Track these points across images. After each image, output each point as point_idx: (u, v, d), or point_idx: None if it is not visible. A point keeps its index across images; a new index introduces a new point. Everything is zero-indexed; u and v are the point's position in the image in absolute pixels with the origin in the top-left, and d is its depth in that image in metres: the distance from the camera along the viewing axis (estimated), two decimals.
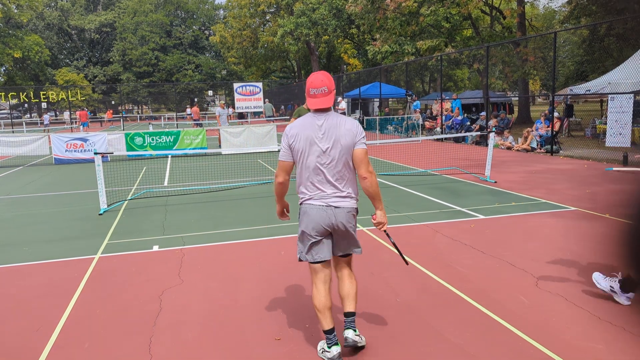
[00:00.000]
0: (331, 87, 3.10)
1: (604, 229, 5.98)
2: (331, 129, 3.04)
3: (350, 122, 3.08)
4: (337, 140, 3.02)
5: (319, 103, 3.08)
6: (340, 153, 3.03)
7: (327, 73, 3.15)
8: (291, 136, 3.09)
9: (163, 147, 15.99)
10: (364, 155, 3.06)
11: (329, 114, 3.07)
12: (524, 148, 14.56)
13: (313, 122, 3.07)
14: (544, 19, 44.14)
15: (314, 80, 3.10)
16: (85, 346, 3.49)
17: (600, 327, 3.49)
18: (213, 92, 61.00)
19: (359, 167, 3.06)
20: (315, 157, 3.04)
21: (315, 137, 3.03)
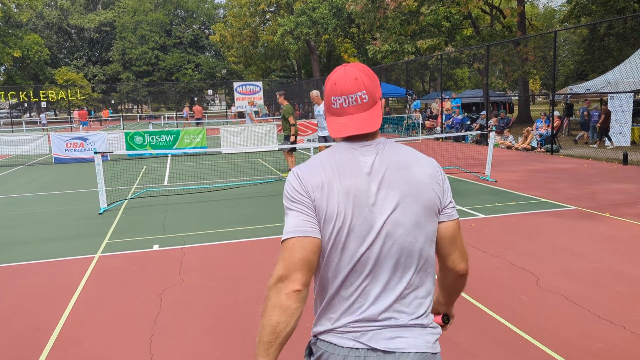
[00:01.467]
0: (375, 92, 1.49)
1: (604, 228, 5.98)
2: (393, 173, 1.45)
3: (427, 159, 1.52)
4: (411, 196, 1.44)
5: (354, 124, 1.46)
6: (420, 224, 1.44)
7: (365, 66, 1.53)
8: (313, 185, 1.43)
9: (163, 146, 15.98)
10: (459, 231, 1.54)
11: (380, 143, 1.49)
12: (524, 147, 14.56)
13: (355, 160, 1.45)
14: (544, 18, 44.14)
15: (339, 80, 1.48)
16: (85, 345, 3.49)
17: (600, 326, 3.49)
18: (213, 92, 61.00)
19: (450, 254, 1.53)
20: (364, 236, 1.41)
21: (366, 191, 1.42)
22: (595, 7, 22.20)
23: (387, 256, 1.42)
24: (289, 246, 1.37)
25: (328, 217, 1.40)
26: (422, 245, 1.44)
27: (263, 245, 5.73)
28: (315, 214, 1.41)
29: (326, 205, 1.40)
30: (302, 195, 1.42)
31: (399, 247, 1.42)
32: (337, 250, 1.42)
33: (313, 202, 1.41)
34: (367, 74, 1.48)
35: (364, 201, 1.41)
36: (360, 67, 1.50)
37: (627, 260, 4.83)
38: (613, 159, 11.66)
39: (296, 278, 1.35)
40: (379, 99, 1.52)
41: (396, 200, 1.42)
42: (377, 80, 1.53)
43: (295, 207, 1.42)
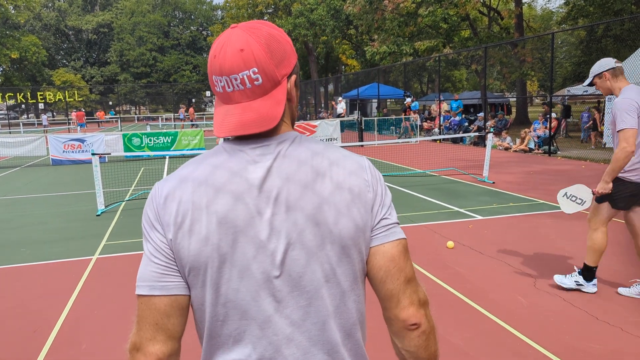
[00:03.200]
0: (278, 67, 0.97)
1: None
2: (296, 187, 0.96)
3: (350, 163, 1.02)
4: (319, 224, 0.96)
5: (235, 119, 0.97)
6: (331, 265, 0.97)
7: (265, 25, 0.99)
8: (174, 215, 0.97)
9: (161, 148, 15.96)
10: (404, 258, 1.02)
11: (283, 142, 1.00)
12: (521, 149, 14.59)
13: (241, 170, 0.97)
14: (541, 20, 44.26)
15: (218, 52, 0.96)
16: (83, 347, 3.48)
17: (598, 327, 3.49)
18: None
19: (390, 294, 1.02)
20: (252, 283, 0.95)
21: (248, 217, 0.95)
22: (593, 9, 22.28)
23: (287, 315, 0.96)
24: (139, 305, 0.98)
25: (192, 267, 0.96)
26: (337, 288, 0.99)
27: None
28: (175, 259, 0.97)
29: (187, 250, 0.95)
30: (154, 230, 1.01)
31: (304, 301, 0.97)
32: (211, 306, 0.97)
33: (170, 243, 0.98)
34: (265, 40, 0.96)
35: (250, 233, 0.95)
36: (254, 31, 0.97)
37: (625, 261, 4.84)
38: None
39: (144, 348, 0.96)
40: (284, 76, 1.00)
41: (297, 231, 0.95)
42: (285, 47, 1.00)
43: (147, 247, 1.01)
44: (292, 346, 0.97)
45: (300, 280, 0.96)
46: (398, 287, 1.01)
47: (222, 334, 0.99)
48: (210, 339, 1.00)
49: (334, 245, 0.97)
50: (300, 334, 0.97)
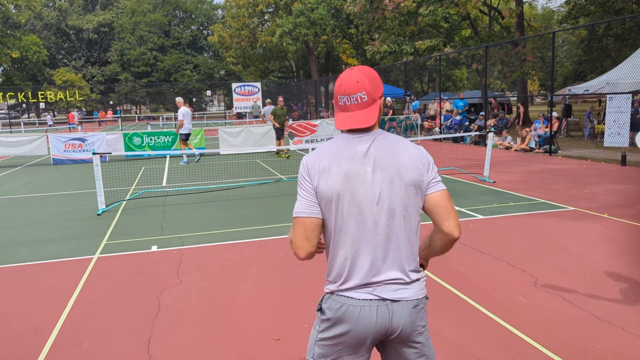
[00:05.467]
0: (375, 92, 1.79)
1: (602, 228, 5.99)
2: (384, 157, 1.75)
3: (414, 146, 1.82)
4: (398, 177, 1.74)
5: (353, 119, 1.78)
6: (406, 199, 1.75)
7: (368, 68, 1.82)
8: (317, 171, 1.76)
9: (161, 147, 15.97)
10: (447, 199, 1.80)
11: (376, 133, 1.80)
12: (522, 148, 14.58)
13: (353, 148, 1.76)
14: (542, 19, 44.20)
15: (344, 81, 1.79)
16: (84, 346, 3.49)
17: (599, 327, 3.49)
18: (211, 92, 60.98)
19: (443, 221, 1.78)
20: (360, 209, 1.73)
21: (360, 172, 1.73)
22: (594, 8, 22.24)
23: (384, 224, 1.74)
24: (295, 223, 1.78)
25: (328, 196, 1.73)
26: (412, 213, 1.77)
27: (261, 246, 5.72)
28: (317, 195, 1.76)
29: (325, 186, 1.73)
30: (306, 180, 1.78)
31: (388, 220, 1.74)
32: (337, 222, 1.75)
33: (316, 185, 1.75)
34: (369, 77, 1.78)
35: (359, 181, 1.73)
36: (364, 71, 1.79)
37: (626, 260, 4.84)
38: (611, 159, 11.68)
39: (299, 247, 1.75)
40: (379, 98, 1.80)
41: (387, 179, 1.73)
42: (378, 82, 1.80)
43: (301, 192, 1.79)
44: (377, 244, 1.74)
45: (387, 200, 1.73)
46: (448, 215, 1.78)
47: (337, 245, 1.77)
48: (332, 245, 1.79)
49: (405, 187, 1.74)
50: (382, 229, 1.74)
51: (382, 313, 1.72)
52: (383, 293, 1.73)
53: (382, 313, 1.72)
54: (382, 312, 1.72)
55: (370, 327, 1.72)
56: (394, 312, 1.73)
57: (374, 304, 1.72)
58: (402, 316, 1.74)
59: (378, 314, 1.72)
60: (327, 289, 1.81)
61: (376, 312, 1.72)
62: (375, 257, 1.74)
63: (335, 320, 1.75)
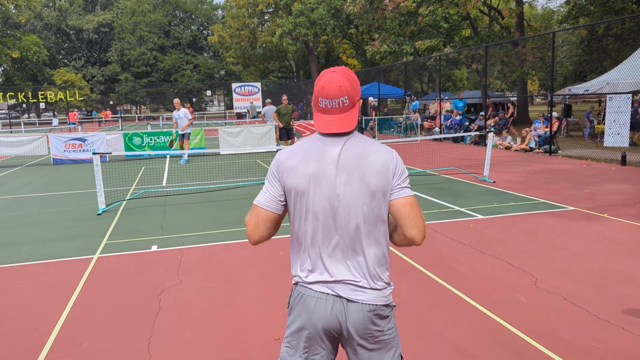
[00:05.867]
0: (355, 96, 1.83)
1: (602, 228, 5.99)
2: (351, 161, 1.78)
3: (384, 151, 1.83)
4: (363, 182, 1.77)
5: (335, 124, 1.82)
6: (368, 204, 1.78)
7: (349, 71, 1.86)
8: (285, 168, 1.83)
9: (161, 147, 15.97)
10: (411, 206, 1.80)
11: (351, 137, 1.84)
12: (522, 148, 14.58)
13: (323, 149, 1.81)
14: (542, 19, 44.21)
15: (326, 85, 1.81)
16: (84, 346, 3.49)
17: (599, 326, 3.49)
18: (211, 92, 60.98)
19: (404, 227, 1.80)
20: (322, 208, 1.79)
21: (326, 173, 1.78)
22: (594, 8, 22.25)
23: (344, 225, 1.78)
24: (252, 210, 1.89)
25: (292, 193, 1.81)
26: (373, 217, 1.79)
27: (261, 246, 5.72)
28: (283, 190, 1.85)
29: (290, 184, 1.81)
30: (274, 175, 1.87)
31: (350, 222, 1.78)
32: (299, 218, 1.83)
33: (282, 182, 1.84)
34: (350, 80, 1.81)
35: (324, 182, 1.78)
36: (345, 74, 1.82)
37: (626, 260, 4.84)
38: (611, 159, 11.68)
39: (249, 234, 1.89)
40: (357, 100, 1.86)
41: (351, 182, 1.77)
42: (358, 84, 1.85)
43: (267, 184, 1.88)
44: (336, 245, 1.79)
45: (349, 203, 1.76)
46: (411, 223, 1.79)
47: (299, 240, 1.85)
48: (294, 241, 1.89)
49: (368, 191, 1.76)
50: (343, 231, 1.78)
51: (337, 309, 1.77)
52: (340, 291, 1.78)
53: (337, 308, 1.78)
54: (337, 307, 1.78)
55: (324, 318, 1.78)
56: (348, 311, 1.77)
57: (330, 298, 1.78)
58: (356, 317, 1.77)
59: (333, 308, 1.78)
60: (293, 280, 1.90)
61: (331, 306, 1.78)
62: (334, 257, 1.79)
63: (295, 310, 1.84)
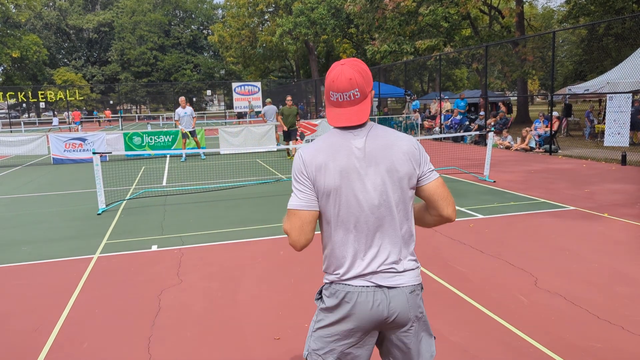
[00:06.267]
0: (367, 87, 1.81)
1: (602, 228, 5.99)
2: (378, 152, 1.78)
3: (407, 138, 1.85)
4: (392, 171, 1.78)
5: (345, 117, 1.80)
6: (399, 191, 1.80)
7: (359, 62, 1.83)
8: (315, 167, 1.78)
9: (161, 146, 15.97)
10: (443, 187, 1.87)
11: (369, 127, 1.83)
12: (522, 148, 14.57)
13: (348, 143, 1.78)
14: (542, 19, 44.19)
15: (336, 78, 1.79)
16: (84, 346, 3.49)
17: (599, 326, 3.49)
18: (212, 92, 60.95)
19: (440, 208, 1.86)
20: (355, 202, 1.77)
21: (356, 167, 1.77)
22: (594, 8, 22.23)
23: (379, 215, 1.79)
24: (290, 215, 1.82)
25: (325, 191, 1.77)
26: (404, 204, 1.82)
27: (262, 246, 5.72)
28: (315, 189, 1.79)
29: (323, 182, 1.77)
30: (303, 174, 1.80)
31: (382, 212, 1.78)
32: (334, 215, 1.80)
33: (313, 180, 1.79)
34: (361, 72, 1.79)
35: (355, 176, 1.76)
36: (355, 67, 1.79)
37: (626, 260, 4.84)
38: (612, 159, 11.68)
39: (296, 241, 1.81)
40: (369, 92, 1.83)
41: (381, 173, 1.77)
42: (369, 75, 1.82)
43: (298, 185, 1.82)
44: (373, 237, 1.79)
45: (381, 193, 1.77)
46: (445, 202, 1.86)
47: (335, 237, 1.81)
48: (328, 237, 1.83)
49: (398, 179, 1.78)
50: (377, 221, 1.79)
51: (379, 298, 1.77)
52: (379, 280, 1.78)
53: (379, 298, 1.77)
54: (378, 297, 1.77)
55: (367, 311, 1.77)
56: (391, 298, 1.78)
57: (370, 289, 1.77)
58: (399, 301, 1.79)
59: (375, 299, 1.77)
60: (327, 279, 1.86)
61: (372, 297, 1.77)
62: (372, 249, 1.79)
63: (333, 307, 1.81)
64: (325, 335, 1.82)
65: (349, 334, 1.80)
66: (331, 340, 1.81)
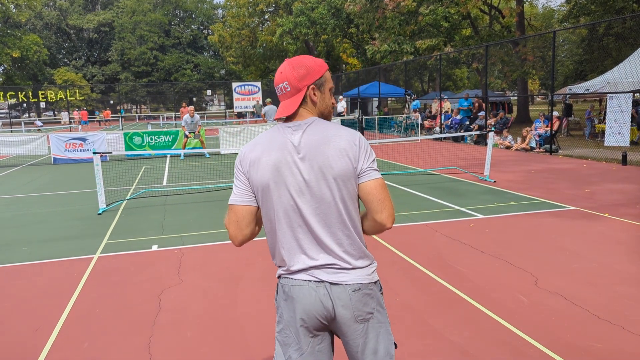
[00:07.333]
0: (299, 82, 1.83)
1: (603, 228, 5.99)
2: (314, 147, 1.77)
3: (347, 134, 1.81)
4: (326, 166, 1.76)
5: (280, 109, 1.87)
6: (336, 188, 1.77)
7: (302, 57, 1.88)
8: (248, 162, 1.83)
9: (162, 146, 15.97)
10: (380, 189, 1.80)
11: (311, 123, 1.82)
12: (523, 147, 14.57)
13: (283, 138, 1.81)
14: (542, 18, 44.15)
15: (276, 73, 1.89)
16: (85, 346, 3.49)
17: (599, 327, 3.49)
18: (212, 92, 60.93)
19: (374, 211, 1.80)
20: (290, 197, 1.78)
21: (288, 162, 1.78)
22: (594, 7, 22.22)
23: (314, 212, 1.78)
24: (229, 211, 1.88)
25: (259, 186, 1.80)
26: (342, 201, 1.78)
27: (262, 246, 5.72)
28: (250, 184, 1.84)
29: (256, 177, 1.80)
30: (239, 170, 1.86)
31: (319, 208, 1.77)
32: (270, 210, 1.82)
33: (247, 175, 1.83)
34: (294, 67, 1.82)
35: (287, 170, 1.77)
36: (292, 61, 1.85)
37: (626, 260, 4.83)
38: (612, 159, 11.67)
39: (232, 236, 1.88)
40: (304, 87, 1.82)
41: (315, 168, 1.76)
42: (308, 71, 1.82)
43: (235, 181, 1.88)
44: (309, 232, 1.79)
45: (314, 191, 1.76)
46: (379, 206, 1.80)
47: (274, 232, 1.83)
48: (268, 234, 1.87)
49: (332, 176, 1.75)
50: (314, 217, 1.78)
51: (322, 294, 1.78)
52: (322, 275, 1.79)
53: (321, 293, 1.78)
54: (321, 292, 1.78)
55: (310, 306, 1.79)
56: (333, 294, 1.78)
57: (312, 284, 1.79)
58: (342, 299, 1.78)
59: (317, 294, 1.78)
60: (277, 273, 1.91)
61: (315, 292, 1.78)
62: (309, 244, 1.80)
63: (282, 303, 1.86)
64: (282, 333, 1.86)
65: (300, 330, 1.81)
66: (288, 337, 1.83)
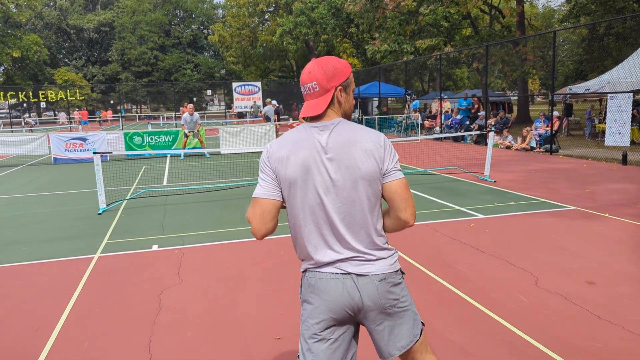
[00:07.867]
0: (328, 82, 1.88)
1: (603, 228, 5.99)
2: (341, 147, 1.84)
3: (373, 136, 1.89)
4: (353, 167, 1.83)
5: (306, 109, 1.91)
6: (362, 187, 1.84)
7: (329, 59, 1.92)
8: (276, 159, 1.89)
9: (162, 146, 15.98)
10: (405, 188, 1.89)
11: (337, 124, 1.89)
12: (523, 147, 14.56)
13: (311, 137, 1.87)
14: (543, 18, 44.16)
15: (303, 72, 1.94)
16: (85, 346, 3.49)
17: (599, 326, 3.49)
18: (212, 92, 60.93)
19: (398, 209, 1.88)
20: (317, 195, 1.85)
21: (317, 161, 1.84)
22: (595, 7, 22.22)
23: (339, 210, 1.84)
24: (253, 204, 1.92)
25: (287, 182, 1.86)
26: (366, 200, 1.85)
27: (262, 246, 5.72)
28: (277, 180, 1.89)
29: (284, 173, 1.86)
30: (266, 166, 1.92)
31: (344, 206, 1.84)
32: (296, 207, 1.88)
33: (275, 171, 1.89)
34: (322, 67, 1.89)
35: (315, 169, 1.83)
36: (320, 62, 1.91)
37: (626, 260, 4.83)
38: (612, 159, 11.67)
39: (256, 229, 1.89)
40: (332, 88, 1.89)
41: (341, 169, 1.83)
42: (335, 72, 1.89)
43: (262, 175, 1.93)
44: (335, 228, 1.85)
45: (340, 190, 1.83)
46: (403, 204, 1.88)
47: (299, 228, 1.89)
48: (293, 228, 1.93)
49: (359, 176, 1.83)
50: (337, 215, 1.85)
51: (349, 285, 1.85)
52: (348, 267, 1.86)
53: (348, 285, 1.85)
54: (348, 284, 1.85)
55: (337, 298, 1.85)
56: (360, 285, 1.85)
57: (339, 277, 1.85)
58: (369, 289, 1.86)
59: (344, 286, 1.85)
60: (302, 267, 1.97)
61: (342, 284, 1.85)
62: (335, 239, 1.87)
63: (308, 296, 1.91)
64: (309, 325, 1.88)
65: (328, 321, 1.86)
66: (316, 329, 1.86)
